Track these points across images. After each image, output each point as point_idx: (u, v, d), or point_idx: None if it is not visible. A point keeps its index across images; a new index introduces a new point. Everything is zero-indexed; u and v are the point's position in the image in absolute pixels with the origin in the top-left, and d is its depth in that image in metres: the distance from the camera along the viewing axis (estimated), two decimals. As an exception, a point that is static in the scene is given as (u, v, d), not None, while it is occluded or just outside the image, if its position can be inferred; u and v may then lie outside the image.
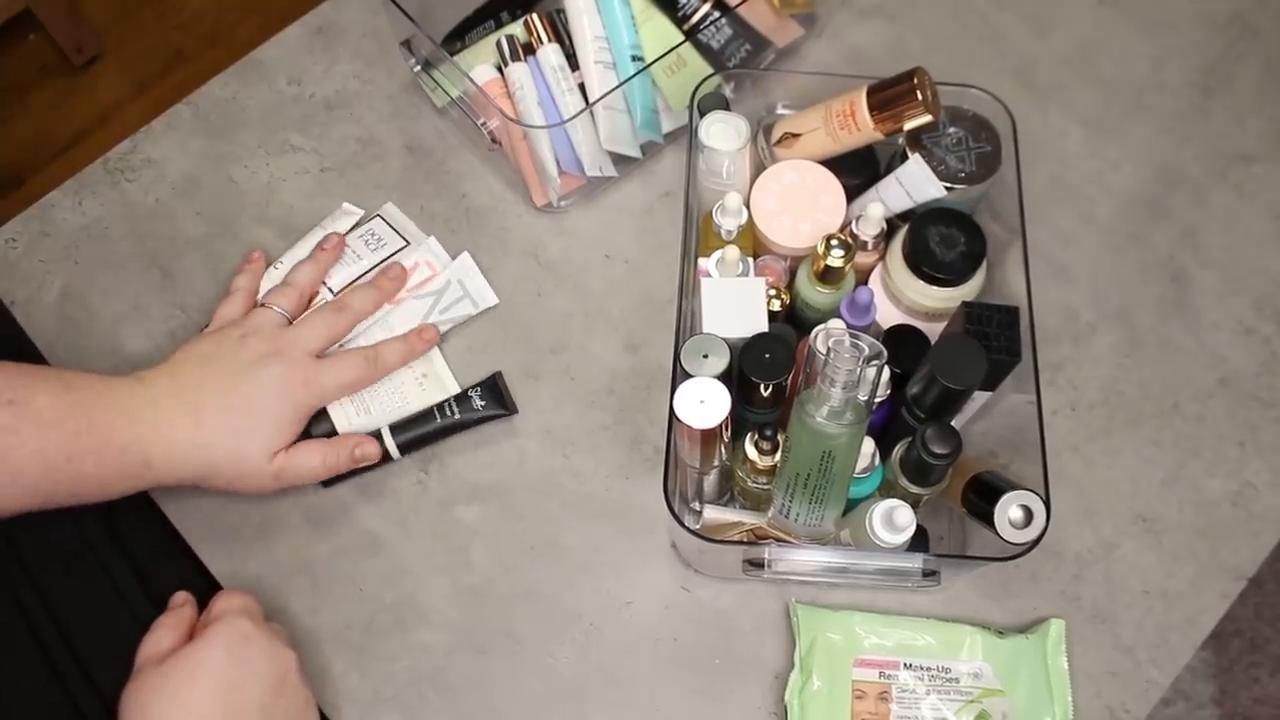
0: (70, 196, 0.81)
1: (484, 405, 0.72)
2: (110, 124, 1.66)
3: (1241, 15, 0.92)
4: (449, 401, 0.73)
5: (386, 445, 0.71)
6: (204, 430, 0.62)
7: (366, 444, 0.69)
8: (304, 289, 0.72)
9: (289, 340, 0.67)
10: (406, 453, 0.72)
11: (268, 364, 0.65)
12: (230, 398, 0.64)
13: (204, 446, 0.63)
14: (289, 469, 0.66)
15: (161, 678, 0.56)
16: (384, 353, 0.71)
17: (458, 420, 0.72)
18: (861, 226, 0.70)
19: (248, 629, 0.58)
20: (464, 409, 0.72)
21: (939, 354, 0.60)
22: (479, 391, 0.73)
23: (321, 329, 0.69)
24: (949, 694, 0.66)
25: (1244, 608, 1.48)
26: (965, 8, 0.92)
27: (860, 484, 0.64)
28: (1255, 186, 0.85)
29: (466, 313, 0.77)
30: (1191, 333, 0.80)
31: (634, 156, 0.81)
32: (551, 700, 0.67)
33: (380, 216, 0.80)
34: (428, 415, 0.72)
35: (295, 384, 0.65)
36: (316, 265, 0.74)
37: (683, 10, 0.80)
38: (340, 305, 0.71)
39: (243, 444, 0.64)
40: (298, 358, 0.66)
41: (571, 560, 0.71)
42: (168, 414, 0.62)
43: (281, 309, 0.70)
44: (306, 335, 0.68)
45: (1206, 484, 0.75)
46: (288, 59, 0.87)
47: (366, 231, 0.79)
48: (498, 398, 0.73)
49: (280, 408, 0.65)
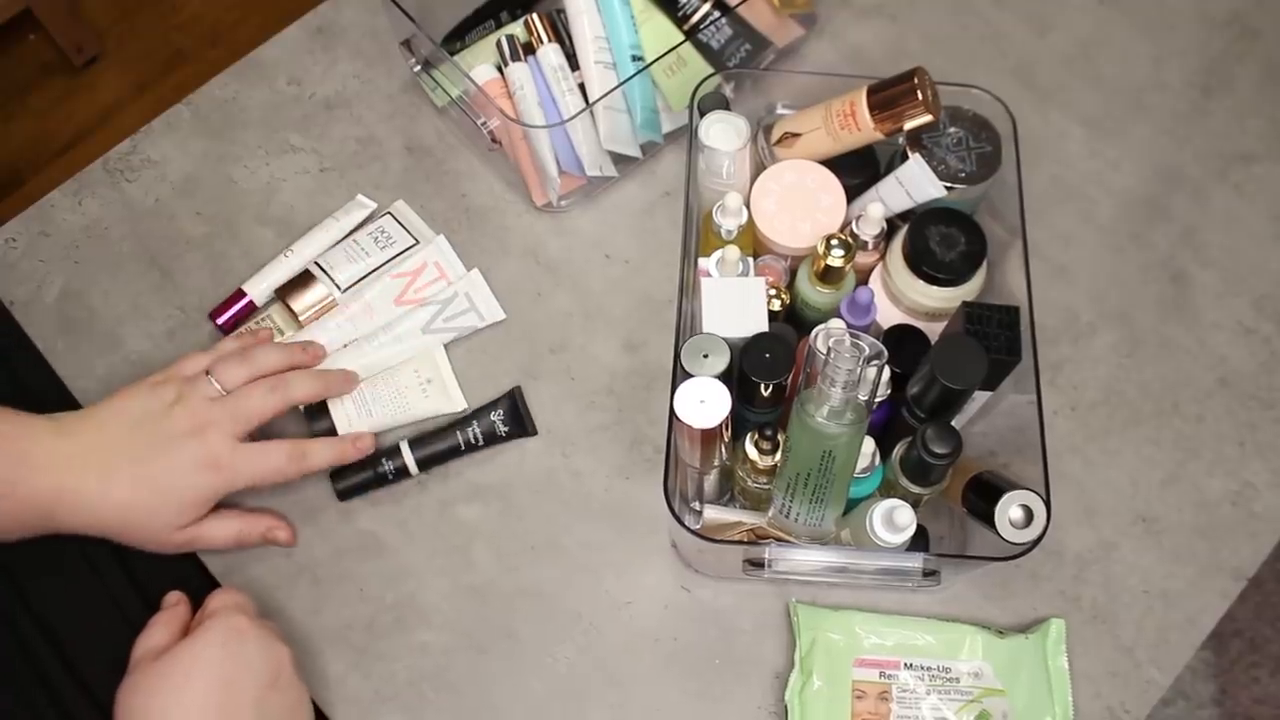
0: (70, 196, 0.81)
1: (506, 430, 0.72)
2: (110, 124, 1.66)
3: (1241, 15, 0.92)
4: (472, 426, 0.72)
5: (406, 461, 0.71)
6: (110, 497, 0.61)
7: (279, 529, 0.68)
8: (258, 371, 0.67)
9: (214, 419, 0.64)
10: (425, 469, 0.72)
11: (186, 443, 0.63)
12: (142, 469, 0.62)
13: (107, 511, 0.61)
14: (198, 540, 0.65)
15: (158, 675, 0.56)
16: (310, 452, 0.67)
17: (479, 443, 0.72)
18: (861, 226, 0.70)
19: (242, 625, 0.58)
20: (486, 433, 0.72)
21: (939, 354, 0.60)
22: (501, 416, 0.72)
23: (254, 410, 0.65)
24: (949, 694, 0.66)
25: (1244, 608, 1.48)
26: (965, 8, 0.92)
27: (860, 484, 0.64)
28: (1255, 186, 0.85)
29: (472, 325, 0.76)
30: (1191, 333, 0.80)
31: (634, 156, 0.81)
32: (551, 700, 0.67)
33: (390, 214, 0.80)
34: (449, 434, 0.72)
35: (207, 468, 0.63)
36: (286, 356, 0.70)
37: (683, 10, 0.80)
38: (279, 385, 0.67)
39: (146, 517, 0.62)
40: (217, 441, 0.63)
41: (571, 560, 0.71)
42: (78, 473, 0.60)
43: (220, 385, 0.66)
44: (234, 414, 0.64)
45: (1206, 484, 0.75)
46: (288, 59, 0.87)
47: (376, 229, 0.78)
48: (517, 419, 0.73)
49: (187, 490, 0.63)
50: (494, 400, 0.74)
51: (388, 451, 0.71)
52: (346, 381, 0.71)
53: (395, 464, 0.70)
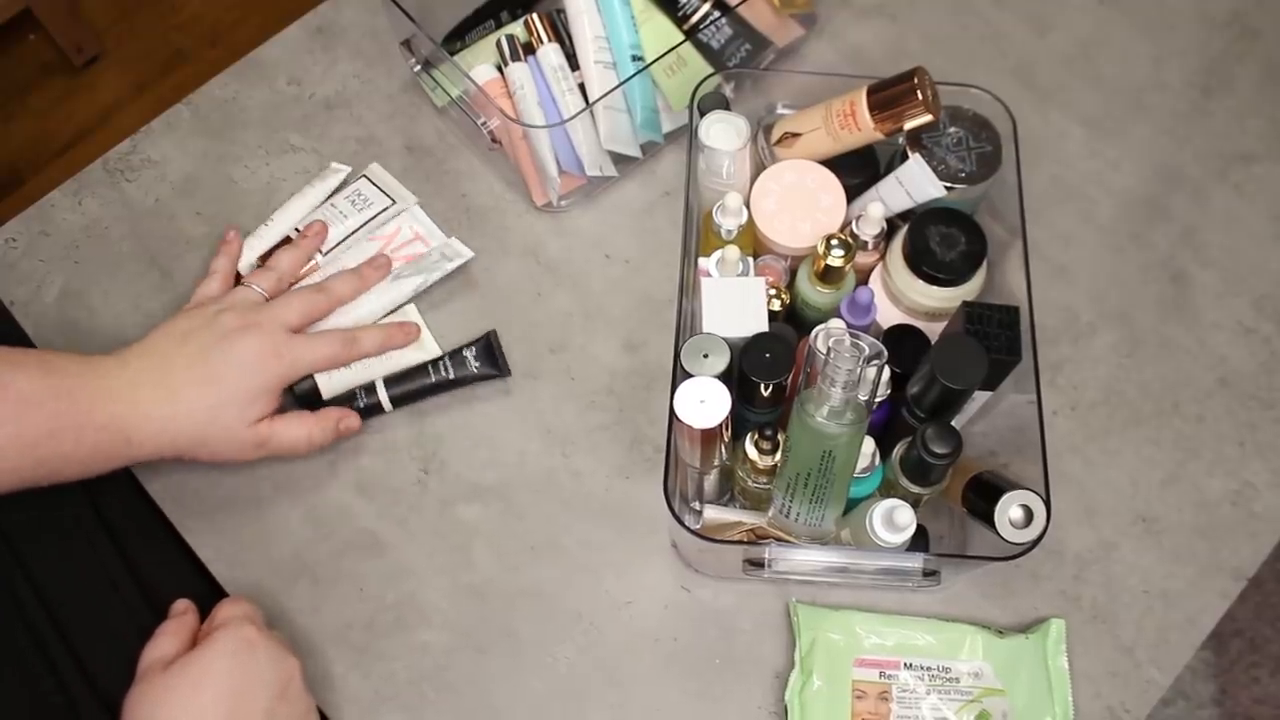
0: (70, 196, 0.81)
1: (478, 365, 0.74)
2: (110, 124, 1.66)
3: (1241, 15, 0.92)
4: (444, 359, 0.74)
5: (380, 397, 0.72)
6: (180, 404, 0.63)
7: (350, 417, 0.70)
8: (284, 273, 0.73)
9: (265, 315, 0.68)
10: (399, 406, 0.73)
11: (242, 337, 0.66)
12: (203, 371, 0.64)
13: (180, 419, 0.63)
14: (272, 439, 0.67)
15: (167, 685, 0.56)
16: (361, 337, 0.71)
17: (452, 379, 0.73)
18: (861, 226, 0.70)
19: (252, 636, 0.58)
20: (458, 368, 0.74)
21: (939, 354, 0.60)
22: (473, 351, 0.74)
23: (299, 306, 0.70)
24: (949, 694, 0.66)
25: (1244, 608, 1.48)
26: (965, 8, 0.92)
27: (860, 484, 0.64)
28: (1255, 186, 0.85)
29: (443, 270, 0.77)
30: (1191, 333, 0.80)
31: (634, 156, 0.81)
32: (551, 700, 0.67)
33: (366, 177, 0.81)
34: (422, 371, 0.73)
35: (268, 356, 0.66)
36: (299, 250, 0.74)
37: (683, 10, 0.80)
38: (321, 287, 0.72)
39: (217, 416, 0.64)
40: (272, 331, 0.67)
41: (571, 560, 0.71)
42: (144, 391, 0.63)
43: (260, 288, 0.70)
44: (282, 311, 0.69)
45: (1206, 484, 0.75)
46: (288, 59, 0.87)
47: (353, 192, 0.80)
48: (491, 358, 0.74)
49: (253, 379, 0.65)
50: (469, 341, 0.75)
51: (365, 388, 0.73)
52: (403, 334, 0.74)
53: (370, 400, 0.72)
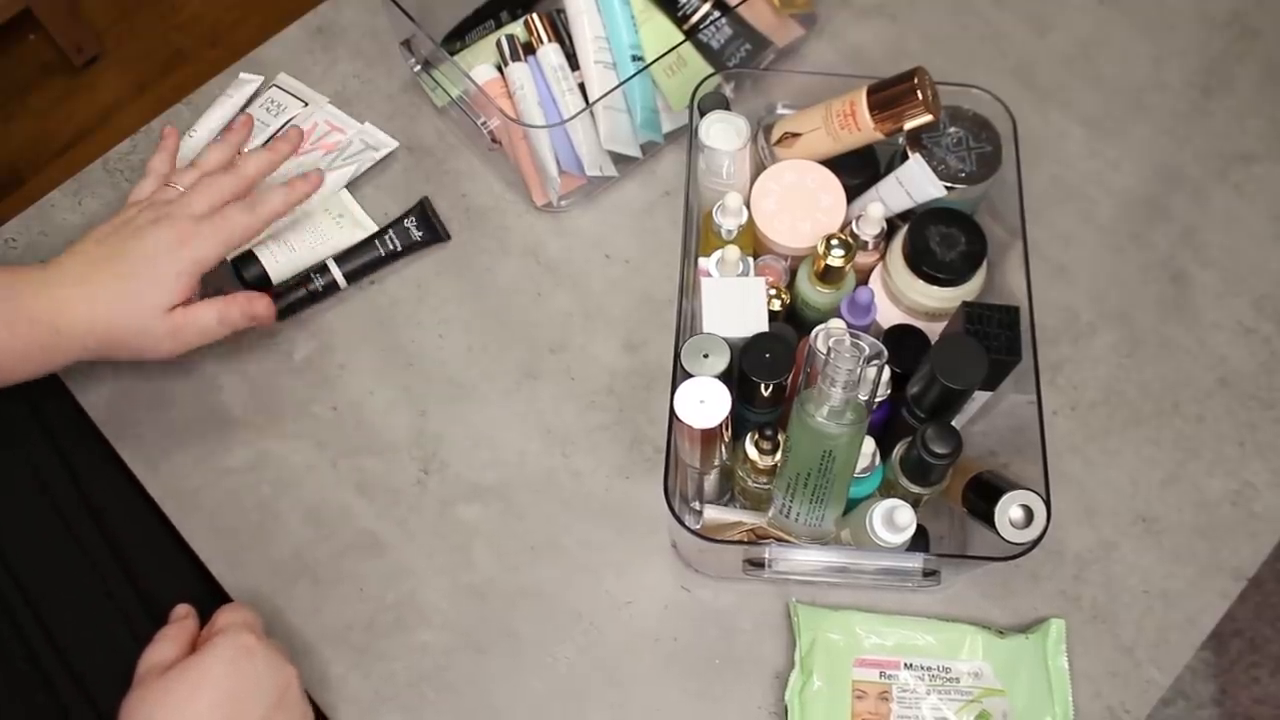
0: (70, 196, 0.81)
1: (421, 234, 0.79)
2: (110, 124, 1.66)
3: (1241, 15, 0.92)
4: (388, 232, 0.78)
5: (334, 275, 0.76)
6: (98, 296, 0.65)
7: (257, 301, 0.71)
8: (208, 168, 0.72)
9: (174, 206, 0.68)
10: (353, 281, 0.77)
11: (151, 230, 0.67)
12: (119, 264, 0.66)
13: (98, 310, 0.65)
14: (186, 326, 0.68)
15: (164, 690, 0.56)
16: (264, 198, 0.71)
17: (399, 250, 0.78)
18: (861, 226, 0.70)
19: (250, 643, 0.58)
20: (402, 238, 0.78)
21: (939, 354, 0.60)
22: (413, 221, 0.79)
23: (205, 190, 0.69)
24: (949, 694, 0.66)
25: (1244, 608, 1.48)
26: (965, 8, 0.92)
27: (860, 484, 0.64)
28: (1255, 186, 0.85)
29: (371, 158, 0.81)
30: (1191, 333, 0.80)
31: (634, 156, 0.81)
32: (551, 700, 0.67)
33: (277, 85, 0.84)
34: (369, 245, 0.78)
35: (174, 244, 0.67)
36: (225, 145, 0.74)
37: (683, 10, 0.80)
38: (228, 168, 0.71)
39: (132, 304, 0.66)
40: (180, 219, 0.67)
41: (571, 560, 0.71)
42: (68, 289, 0.65)
43: (181, 185, 0.71)
44: (190, 198, 0.69)
45: (1206, 484, 0.75)
46: (288, 59, 0.87)
47: (267, 100, 0.84)
48: (429, 224, 0.79)
49: (164, 266, 0.66)
50: (405, 211, 0.80)
51: (317, 268, 0.77)
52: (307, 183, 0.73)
53: (325, 280, 0.76)
